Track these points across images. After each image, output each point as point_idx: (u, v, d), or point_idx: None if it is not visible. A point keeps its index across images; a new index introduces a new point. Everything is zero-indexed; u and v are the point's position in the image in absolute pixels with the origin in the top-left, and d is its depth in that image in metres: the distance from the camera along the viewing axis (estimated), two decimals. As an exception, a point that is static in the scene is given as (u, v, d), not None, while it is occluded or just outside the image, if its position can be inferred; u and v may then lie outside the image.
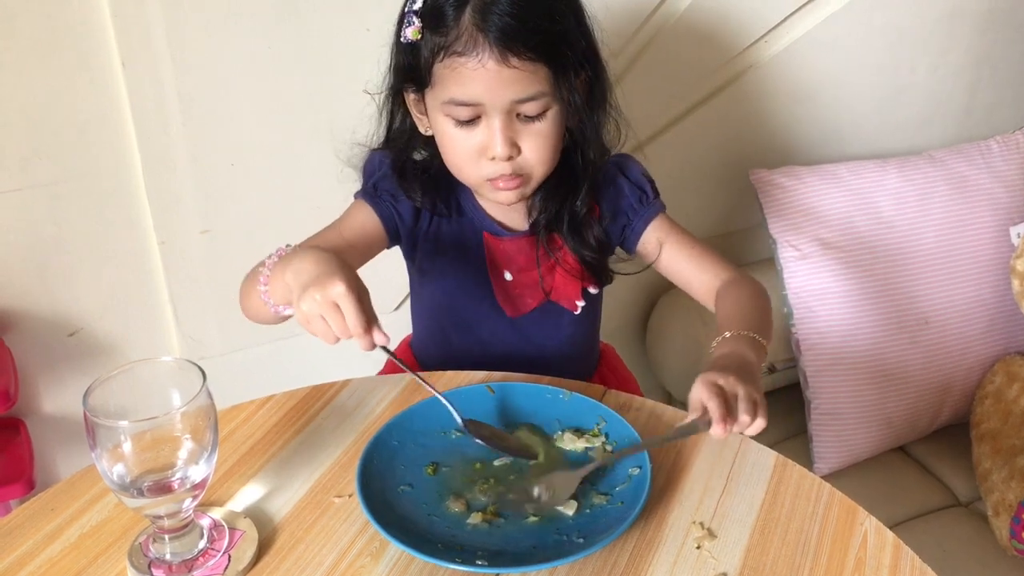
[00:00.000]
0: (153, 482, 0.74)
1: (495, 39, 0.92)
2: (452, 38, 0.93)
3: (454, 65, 0.94)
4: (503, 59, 0.92)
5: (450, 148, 1.00)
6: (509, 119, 0.96)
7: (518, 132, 0.97)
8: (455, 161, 1.01)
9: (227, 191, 1.33)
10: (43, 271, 1.30)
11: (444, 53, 0.94)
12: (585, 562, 0.77)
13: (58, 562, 0.79)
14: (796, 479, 0.86)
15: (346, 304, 0.80)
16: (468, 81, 0.93)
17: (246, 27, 1.24)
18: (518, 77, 0.93)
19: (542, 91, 0.95)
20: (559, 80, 0.96)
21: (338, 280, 0.81)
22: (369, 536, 0.80)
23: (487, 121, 0.96)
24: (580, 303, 1.13)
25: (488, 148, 0.97)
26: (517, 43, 0.92)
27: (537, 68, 0.94)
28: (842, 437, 1.46)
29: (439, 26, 0.94)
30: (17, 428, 1.33)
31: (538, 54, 0.93)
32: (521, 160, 0.99)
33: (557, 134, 1.00)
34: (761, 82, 1.57)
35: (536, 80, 0.94)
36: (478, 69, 0.92)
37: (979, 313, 1.48)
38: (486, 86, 0.93)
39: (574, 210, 1.07)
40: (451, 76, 0.94)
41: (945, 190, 1.49)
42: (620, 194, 1.10)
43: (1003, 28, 1.70)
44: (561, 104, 0.98)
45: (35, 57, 1.18)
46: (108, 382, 0.74)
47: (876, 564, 0.78)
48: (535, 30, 0.93)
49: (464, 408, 0.93)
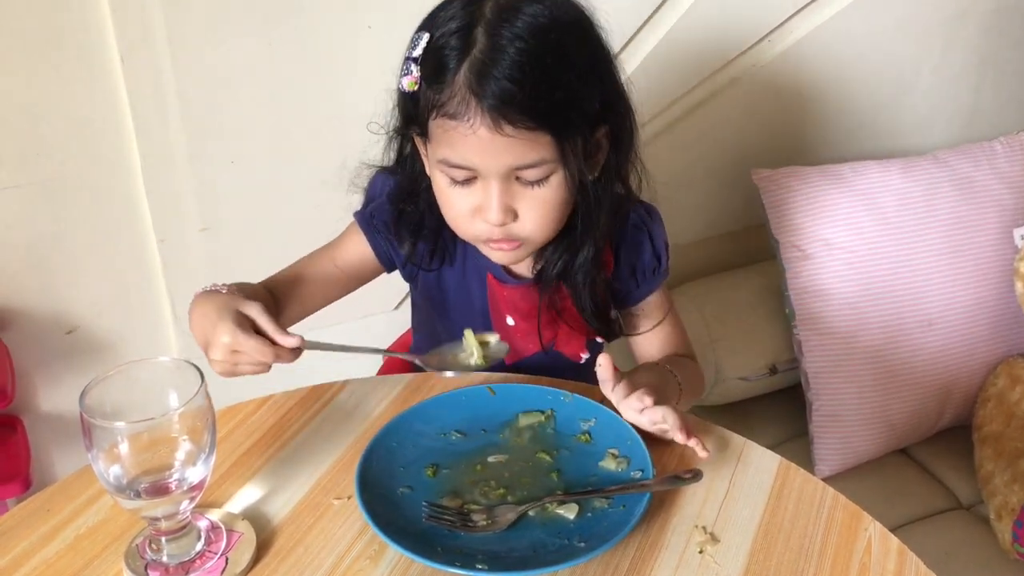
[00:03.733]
0: (150, 483, 0.73)
1: (489, 104, 0.83)
2: (446, 97, 0.85)
3: (445, 127, 0.86)
4: (496, 126, 0.84)
5: (445, 204, 0.94)
6: (507, 183, 0.89)
7: (516, 196, 0.90)
8: (449, 217, 0.95)
9: (226, 189, 1.33)
10: (41, 268, 1.29)
11: (437, 112, 0.86)
12: (586, 566, 0.77)
13: (54, 564, 0.78)
14: (799, 483, 0.86)
15: (241, 344, 0.81)
16: (459, 145, 0.86)
17: (246, 24, 1.24)
18: (514, 144, 0.85)
19: (543, 158, 0.87)
20: (565, 146, 0.87)
21: (221, 329, 0.81)
22: (368, 539, 0.80)
23: (483, 183, 0.89)
24: (584, 355, 1.08)
25: (482, 211, 0.90)
26: (513, 110, 0.83)
27: (538, 136, 0.85)
28: (844, 439, 1.45)
29: (435, 80, 0.86)
30: (14, 426, 1.33)
31: (539, 122, 0.84)
32: (517, 226, 0.91)
33: (561, 200, 0.91)
34: (765, 81, 1.56)
35: (536, 147, 0.86)
36: (469, 135, 0.85)
37: (982, 315, 1.48)
38: (478, 152, 0.86)
39: (583, 267, 0.99)
40: (443, 137, 0.88)
41: (949, 191, 1.48)
42: (641, 252, 1.04)
43: (1008, 29, 1.69)
44: (568, 169, 0.89)
45: (34, 54, 1.17)
46: (105, 382, 0.73)
47: (880, 570, 0.77)
48: (536, 97, 0.83)
49: (464, 408, 0.93)
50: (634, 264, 1.05)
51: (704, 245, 1.66)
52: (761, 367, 1.52)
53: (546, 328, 1.04)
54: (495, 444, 0.90)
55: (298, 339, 0.83)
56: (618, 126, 0.94)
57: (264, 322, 0.84)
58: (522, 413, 0.93)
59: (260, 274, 1.39)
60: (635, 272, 1.05)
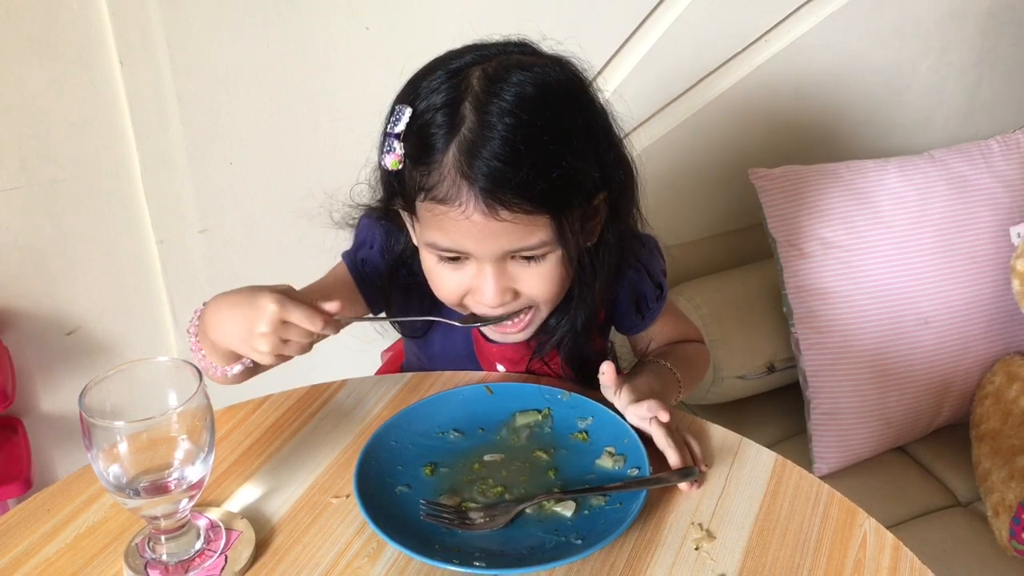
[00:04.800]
0: (149, 483, 0.73)
1: (481, 188, 0.78)
2: (434, 180, 0.80)
3: (435, 211, 0.81)
4: (491, 211, 0.78)
5: (436, 283, 0.89)
6: (502, 265, 0.84)
7: (514, 276, 0.85)
8: (440, 294, 0.90)
9: (225, 190, 1.33)
10: (41, 270, 1.29)
11: (425, 195, 0.81)
12: (583, 563, 0.77)
13: (54, 562, 0.78)
14: (795, 480, 0.86)
15: (289, 312, 0.77)
16: (451, 231, 0.81)
17: (245, 26, 1.24)
18: (510, 229, 0.80)
19: (541, 241, 0.83)
20: (564, 225, 0.82)
21: (264, 300, 0.77)
22: (367, 537, 0.80)
23: (477, 263, 0.84)
24: None
25: (477, 292, 0.86)
26: (508, 193, 0.78)
27: (535, 219, 0.80)
28: (842, 437, 1.45)
29: (421, 161, 0.81)
30: (14, 427, 1.33)
31: (535, 205, 0.79)
32: (517, 303, 0.87)
33: (560, 274, 0.87)
34: (762, 81, 1.57)
35: (534, 230, 0.81)
36: (462, 221, 0.80)
37: (979, 313, 1.48)
38: (471, 238, 0.81)
39: (577, 337, 0.95)
40: (433, 221, 0.82)
41: (945, 190, 1.49)
42: (642, 289, 1.01)
43: (1004, 28, 1.70)
44: (567, 247, 0.85)
45: (33, 56, 1.18)
46: (104, 382, 0.73)
47: (875, 566, 0.77)
48: (532, 178, 0.78)
49: (462, 407, 0.93)
50: (637, 301, 1.02)
51: (702, 244, 1.66)
52: (759, 366, 1.53)
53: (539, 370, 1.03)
54: (493, 443, 0.90)
55: (337, 304, 0.79)
56: (617, 190, 0.89)
57: (299, 295, 0.80)
58: (519, 412, 0.94)
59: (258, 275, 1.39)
60: (639, 308, 1.02)
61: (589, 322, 0.95)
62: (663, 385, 0.96)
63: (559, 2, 1.36)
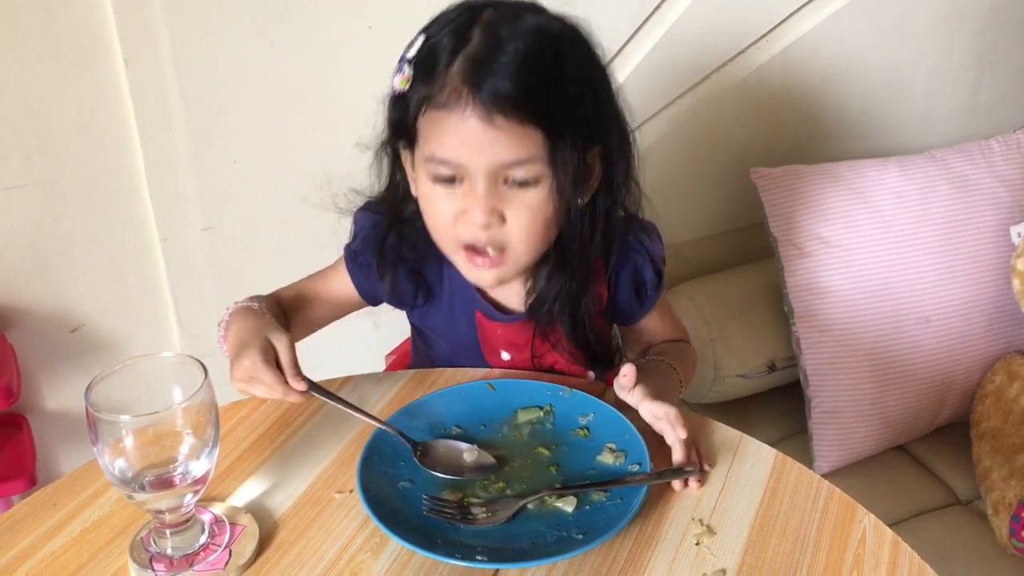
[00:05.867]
0: (155, 477, 0.74)
1: (482, 96, 0.82)
2: (437, 88, 0.84)
3: (435, 118, 0.85)
4: (488, 118, 0.82)
5: (429, 209, 0.91)
6: (494, 184, 0.86)
7: (504, 198, 0.87)
8: (432, 223, 0.92)
9: (229, 188, 1.34)
10: (45, 267, 1.30)
11: (427, 105, 0.85)
12: (584, 558, 0.78)
13: (60, 556, 0.79)
14: (795, 476, 0.87)
15: (259, 373, 0.85)
16: (448, 138, 0.85)
17: (248, 25, 1.25)
18: (505, 138, 0.83)
19: (532, 156, 0.85)
20: (556, 150, 0.85)
21: (248, 352, 0.85)
22: (369, 532, 0.81)
23: (470, 184, 0.86)
24: (591, 375, 1.06)
25: (467, 212, 0.87)
26: (506, 103, 0.82)
27: (528, 132, 0.84)
28: (842, 435, 1.46)
29: (427, 75, 0.85)
30: (19, 424, 1.34)
31: (531, 117, 0.83)
32: (502, 232, 0.88)
33: (549, 210, 0.88)
34: (763, 81, 1.57)
35: (526, 145, 0.84)
36: (460, 126, 0.83)
37: (979, 312, 1.48)
38: (467, 145, 0.84)
39: (576, 304, 0.97)
40: (432, 130, 0.86)
41: (946, 189, 1.49)
42: (643, 274, 1.03)
43: (1005, 27, 1.70)
44: (557, 178, 0.87)
45: (38, 54, 1.18)
46: (110, 377, 0.74)
47: (875, 561, 0.78)
48: (531, 90, 0.83)
49: (464, 403, 0.94)
50: (637, 286, 1.04)
51: (703, 243, 1.67)
52: (760, 364, 1.53)
53: (542, 360, 1.04)
54: (495, 439, 0.91)
55: (305, 385, 0.87)
56: (612, 149, 0.92)
57: (286, 360, 0.87)
58: (521, 408, 0.94)
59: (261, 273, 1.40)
60: (639, 294, 1.04)
61: (586, 289, 0.97)
62: (665, 385, 0.97)
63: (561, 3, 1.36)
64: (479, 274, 0.93)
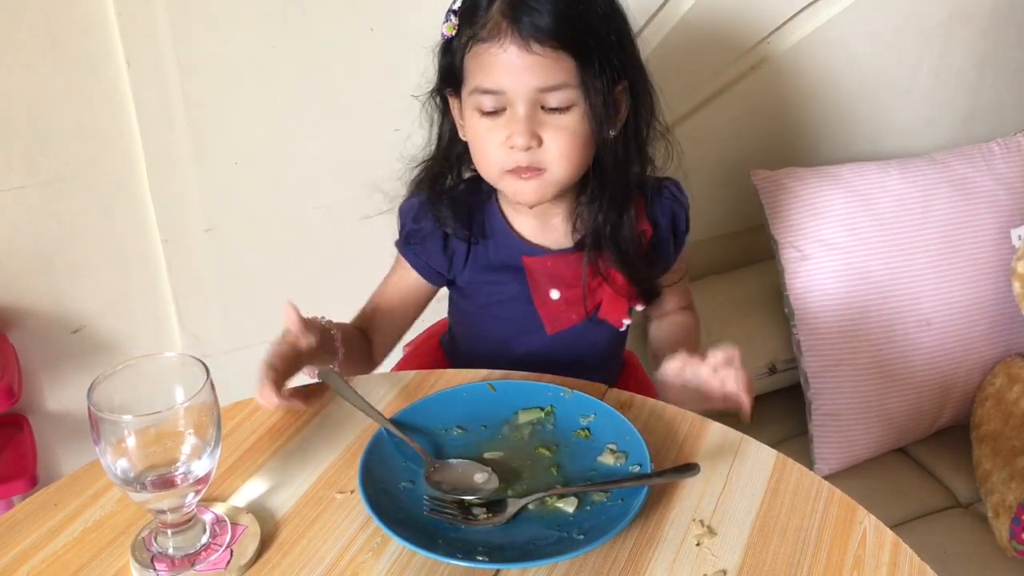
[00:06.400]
0: (156, 477, 0.74)
1: (519, 27, 0.93)
2: (479, 26, 0.96)
3: (479, 52, 0.96)
4: (525, 45, 0.93)
5: (476, 141, 1.01)
6: (533, 109, 0.96)
7: (542, 123, 0.97)
8: (480, 156, 1.02)
9: (230, 189, 1.34)
10: (47, 268, 1.30)
11: (471, 42, 0.96)
12: (585, 558, 0.78)
13: (61, 556, 0.79)
14: (796, 477, 0.87)
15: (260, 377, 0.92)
16: (490, 67, 0.95)
17: (251, 26, 1.25)
18: (540, 64, 0.94)
19: (566, 82, 0.95)
20: (586, 75, 0.96)
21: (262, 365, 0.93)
22: (371, 532, 0.81)
23: (512, 112, 0.97)
24: (626, 321, 1.12)
25: (511, 138, 0.97)
26: (540, 31, 0.93)
27: (561, 56, 0.94)
28: (843, 438, 1.46)
29: (471, 17, 0.97)
30: (20, 425, 1.34)
31: (562, 43, 0.94)
32: (541, 152, 0.98)
33: (583, 133, 0.98)
34: (763, 83, 1.57)
35: (560, 70, 0.95)
36: (500, 55, 0.94)
37: (980, 315, 1.49)
38: (507, 72, 0.95)
39: (620, 229, 1.05)
40: (476, 64, 0.97)
41: (946, 192, 1.49)
42: (677, 220, 1.13)
43: (1005, 30, 1.71)
44: (589, 103, 0.97)
45: (40, 56, 1.19)
46: (112, 377, 0.74)
47: (875, 562, 0.78)
48: (562, 21, 0.94)
49: (465, 404, 0.94)
50: (673, 230, 1.13)
51: (704, 246, 1.67)
52: (761, 367, 1.53)
53: (590, 295, 1.09)
54: (495, 439, 0.91)
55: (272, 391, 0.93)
56: (636, 84, 1.02)
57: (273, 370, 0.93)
58: (522, 409, 0.94)
59: (263, 275, 1.41)
60: (675, 237, 1.13)
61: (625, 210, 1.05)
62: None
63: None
64: (523, 188, 1.00)
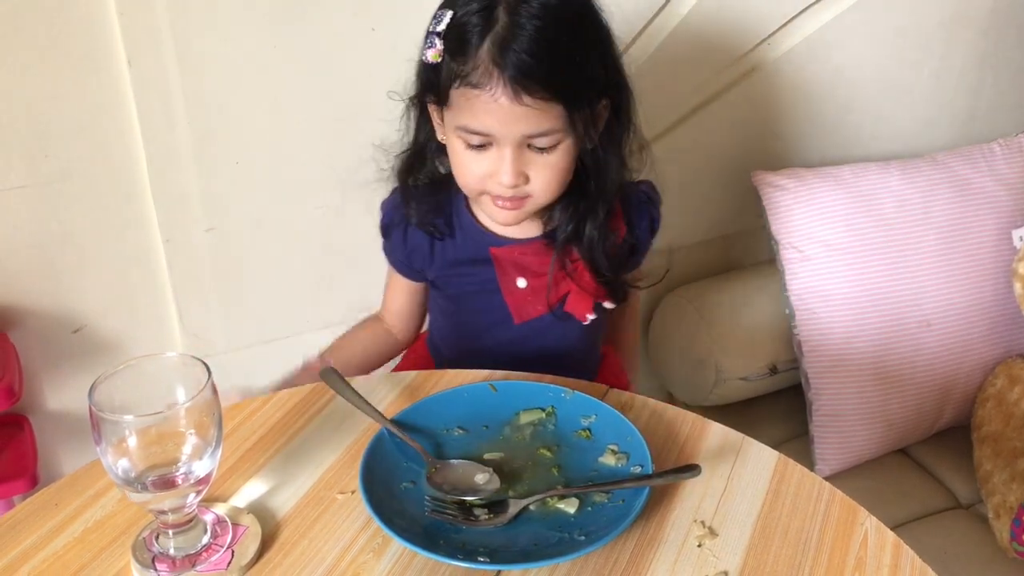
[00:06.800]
0: (157, 477, 0.74)
1: (510, 76, 0.92)
2: (469, 68, 0.94)
3: (468, 95, 0.95)
4: (516, 97, 0.92)
5: (460, 167, 1.02)
6: (520, 150, 0.97)
7: (528, 162, 0.98)
8: (459, 171, 1.03)
9: (232, 189, 1.34)
10: (48, 268, 1.30)
11: (460, 82, 0.95)
12: (586, 559, 0.78)
13: (62, 556, 0.79)
14: (797, 478, 0.87)
15: None
16: (480, 113, 0.95)
17: (252, 26, 1.25)
18: (530, 114, 0.94)
19: (554, 128, 0.96)
20: (574, 117, 0.96)
21: None
22: (372, 532, 0.81)
23: (498, 149, 0.97)
24: (591, 316, 1.13)
25: (496, 175, 0.98)
26: (532, 82, 0.92)
27: (551, 107, 0.94)
28: (844, 439, 1.46)
29: (458, 53, 0.95)
30: (21, 425, 1.34)
31: (553, 94, 0.94)
32: (527, 188, 1.00)
33: (567, 165, 1.00)
34: (764, 84, 1.57)
35: (549, 117, 0.95)
36: (491, 103, 0.93)
37: (981, 316, 1.49)
38: (498, 120, 0.94)
39: (592, 230, 1.07)
40: (465, 105, 0.96)
41: (947, 193, 1.49)
42: (651, 221, 1.15)
43: (1006, 31, 1.70)
44: (575, 137, 0.99)
45: (41, 55, 1.18)
46: (113, 377, 0.74)
47: (876, 564, 0.78)
48: (552, 71, 0.93)
49: (466, 404, 0.94)
50: (645, 230, 1.15)
51: (704, 247, 1.67)
52: (761, 367, 1.53)
53: (556, 286, 1.10)
54: (496, 440, 0.91)
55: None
56: (618, 98, 1.03)
57: None
58: (523, 410, 0.94)
59: (264, 275, 1.41)
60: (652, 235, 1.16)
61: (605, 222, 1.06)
62: None
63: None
64: (502, 214, 1.03)
